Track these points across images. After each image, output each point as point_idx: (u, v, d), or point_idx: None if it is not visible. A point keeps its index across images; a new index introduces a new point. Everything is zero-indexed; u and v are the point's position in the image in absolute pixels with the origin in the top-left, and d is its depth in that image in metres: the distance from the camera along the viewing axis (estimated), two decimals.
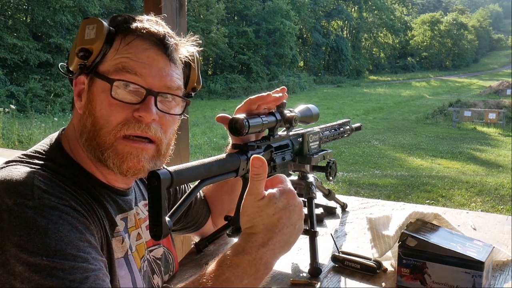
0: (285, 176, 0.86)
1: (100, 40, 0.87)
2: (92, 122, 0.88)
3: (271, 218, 0.79)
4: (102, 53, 0.88)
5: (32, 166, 0.86)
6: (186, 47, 0.97)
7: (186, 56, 0.96)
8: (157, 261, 1.09)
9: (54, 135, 0.97)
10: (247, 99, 1.08)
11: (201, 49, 1.02)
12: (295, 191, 0.84)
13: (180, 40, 0.96)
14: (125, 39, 0.89)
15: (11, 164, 0.87)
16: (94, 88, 0.89)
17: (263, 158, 0.80)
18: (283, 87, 1.09)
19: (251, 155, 1.03)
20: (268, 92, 1.11)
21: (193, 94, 1.04)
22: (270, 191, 0.81)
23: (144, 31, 0.90)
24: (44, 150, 0.92)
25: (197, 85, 1.03)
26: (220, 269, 0.76)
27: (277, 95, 1.07)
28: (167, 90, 0.92)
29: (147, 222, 0.96)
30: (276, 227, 0.79)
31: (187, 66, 0.99)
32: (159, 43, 0.90)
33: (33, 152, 0.91)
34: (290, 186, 0.83)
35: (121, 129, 0.87)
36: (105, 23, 0.88)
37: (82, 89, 0.92)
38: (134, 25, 0.90)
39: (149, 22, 0.92)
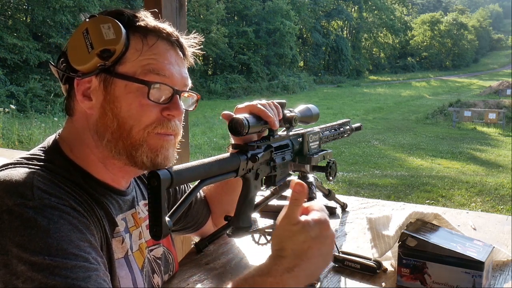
0: (323, 206, 0.86)
1: (122, 41, 0.86)
2: (119, 122, 0.89)
3: (302, 245, 0.78)
4: (122, 54, 0.88)
5: (31, 167, 0.86)
6: (189, 45, 1.00)
7: (191, 55, 1.00)
8: (157, 260, 1.09)
9: (51, 138, 0.97)
10: (249, 104, 1.09)
11: (201, 46, 1.04)
12: (329, 222, 0.83)
13: (185, 38, 0.99)
14: (147, 40, 0.90)
15: (9, 166, 0.87)
16: (115, 88, 0.89)
17: (304, 184, 0.80)
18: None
19: (251, 155, 1.03)
20: (269, 102, 1.11)
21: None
22: (305, 218, 0.81)
23: (163, 31, 0.92)
24: (42, 152, 0.92)
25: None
26: (242, 287, 0.76)
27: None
28: (185, 88, 0.97)
29: (147, 222, 0.96)
30: (305, 255, 0.78)
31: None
32: (176, 43, 0.94)
33: (31, 155, 0.91)
34: (326, 216, 0.83)
35: (155, 128, 0.90)
36: (120, 23, 0.87)
37: (87, 88, 0.90)
38: (149, 24, 0.91)
39: (155, 20, 0.94)
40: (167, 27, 0.94)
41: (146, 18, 0.93)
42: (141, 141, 0.90)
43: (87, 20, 0.88)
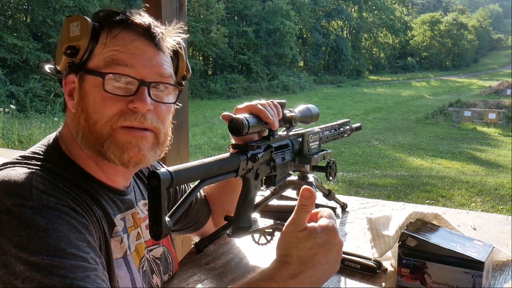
0: (332, 213, 0.84)
1: (86, 36, 0.86)
2: (86, 117, 0.88)
3: (307, 252, 0.77)
4: (89, 49, 0.88)
5: (30, 167, 0.86)
6: (173, 36, 0.96)
7: (173, 45, 0.96)
8: (157, 260, 1.08)
9: (52, 135, 0.97)
10: (249, 104, 1.08)
11: (187, 36, 1.01)
12: (338, 229, 0.81)
13: (165, 28, 0.95)
14: (111, 32, 0.89)
15: (8, 166, 0.87)
16: (85, 85, 0.89)
17: (313, 190, 0.79)
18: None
19: (251, 155, 1.03)
20: (269, 101, 1.11)
21: (183, 82, 1.03)
22: (312, 224, 0.79)
23: (129, 22, 0.90)
24: (41, 151, 0.92)
25: (186, 73, 1.02)
26: None
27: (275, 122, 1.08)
28: (159, 79, 0.92)
29: (147, 222, 0.96)
30: (310, 261, 0.77)
31: (175, 54, 0.98)
32: (145, 33, 0.90)
33: (30, 154, 0.91)
34: (334, 223, 0.81)
35: (117, 120, 0.87)
36: (89, 19, 0.88)
37: (73, 88, 0.91)
38: (117, 17, 0.90)
39: (133, 14, 0.92)
40: (138, 18, 0.91)
41: (125, 14, 0.91)
42: (106, 135, 0.88)
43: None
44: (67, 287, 0.72)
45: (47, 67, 0.94)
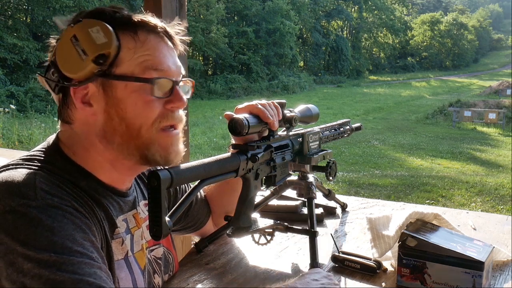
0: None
1: (114, 43, 0.85)
2: (127, 124, 0.88)
3: None
4: (116, 55, 0.86)
5: (32, 168, 0.86)
6: (179, 35, 0.99)
7: (181, 43, 0.99)
8: (158, 260, 1.09)
9: (51, 138, 0.96)
10: (249, 104, 1.09)
11: (190, 38, 1.04)
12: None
13: (172, 27, 0.97)
14: (138, 37, 0.89)
15: (9, 167, 0.87)
16: (116, 91, 0.87)
17: None
18: None
19: (251, 155, 1.03)
20: (269, 102, 1.11)
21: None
22: None
23: (151, 25, 0.91)
24: (42, 153, 0.91)
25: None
26: None
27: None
28: (181, 78, 0.96)
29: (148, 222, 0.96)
30: None
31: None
32: (165, 34, 0.93)
33: (31, 156, 0.91)
34: None
35: (160, 122, 0.90)
36: (107, 24, 0.86)
37: (85, 95, 0.89)
38: (134, 18, 0.90)
39: (138, 13, 0.93)
40: (151, 19, 0.92)
41: (128, 12, 0.91)
42: (152, 139, 0.90)
43: (72, 26, 0.86)
44: (75, 283, 0.72)
45: (43, 77, 0.91)
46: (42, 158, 0.90)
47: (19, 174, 0.82)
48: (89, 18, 0.87)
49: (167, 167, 0.83)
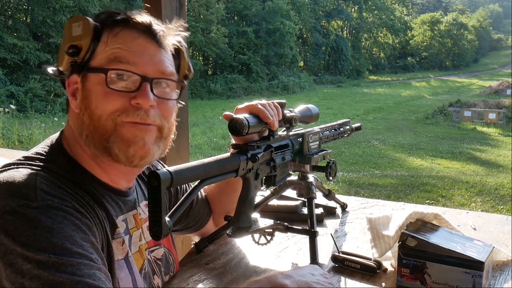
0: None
1: (87, 36, 0.87)
2: (89, 115, 0.88)
3: None
4: (92, 49, 0.88)
5: (34, 168, 0.86)
6: (174, 34, 0.96)
7: (174, 43, 0.96)
8: (158, 261, 1.08)
9: (55, 136, 0.97)
10: (249, 104, 1.09)
11: (188, 33, 1.01)
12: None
13: (166, 26, 0.95)
14: (112, 31, 0.89)
15: (11, 167, 0.87)
16: (88, 83, 0.89)
17: None
18: None
19: (251, 155, 1.03)
20: (269, 102, 1.11)
21: (185, 82, 1.03)
22: None
23: (131, 21, 0.90)
24: (45, 152, 0.92)
25: (188, 73, 1.02)
26: None
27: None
28: (161, 76, 0.92)
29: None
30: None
31: (176, 53, 0.98)
32: (147, 30, 0.91)
33: (33, 154, 0.91)
34: None
35: (120, 116, 0.88)
36: (91, 20, 0.89)
37: (76, 89, 0.91)
38: (118, 17, 0.91)
39: (133, 14, 0.93)
40: (139, 17, 0.92)
41: (126, 14, 0.92)
42: (111, 130, 0.88)
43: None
44: (74, 284, 0.72)
45: (50, 69, 0.94)
46: (44, 157, 0.90)
47: (20, 174, 0.82)
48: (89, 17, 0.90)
49: (167, 168, 0.83)
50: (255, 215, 1.29)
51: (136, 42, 0.90)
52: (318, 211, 1.48)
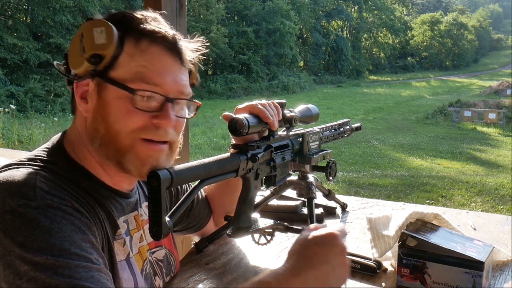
0: (341, 227, 0.88)
1: (112, 45, 0.84)
2: (106, 127, 0.88)
3: (306, 250, 0.82)
4: (114, 58, 0.86)
5: (34, 167, 0.86)
6: (191, 49, 0.96)
7: (192, 58, 0.96)
8: (159, 262, 1.08)
9: (56, 137, 0.97)
10: (249, 104, 1.08)
11: (207, 50, 1.01)
12: (340, 236, 0.84)
13: (188, 41, 0.95)
14: (139, 45, 0.87)
15: (11, 167, 0.87)
16: (106, 93, 0.87)
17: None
18: None
19: (251, 155, 1.03)
20: (269, 102, 1.11)
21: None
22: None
23: (158, 35, 0.88)
24: (45, 153, 0.91)
25: (195, 82, 1.02)
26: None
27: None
28: (180, 96, 0.92)
29: None
30: (310, 259, 0.80)
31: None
32: (173, 48, 0.90)
33: (34, 156, 0.91)
34: (336, 230, 0.85)
35: (140, 133, 0.88)
36: (113, 26, 0.85)
37: (86, 91, 0.90)
38: (143, 26, 0.89)
39: (155, 22, 0.91)
40: (165, 29, 0.90)
41: (150, 20, 0.90)
42: (128, 146, 0.88)
43: (84, 22, 0.87)
44: (71, 287, 0.72)
45: (58, 65, 0.92)
46: (45, 158, 0.90)
47: (20, 173, 0.82)
48: (108, 18, 0.88)
49: (167, 168, 0.83)
50: (255, 215, 1.29)
51: (162, 60, 0.89)
52: (318, 211, 1.48)
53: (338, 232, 0.84)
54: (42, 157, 0.90)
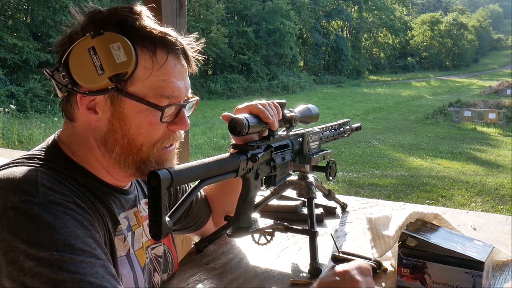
0: (365, 267, 0.84)
1: (132, 62, 0.83)
2: (129, 140, 0.89)
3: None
4: (132, 72, 0.85)
5: (34, 165, 0.86)
6: (191, 48, 0.96)
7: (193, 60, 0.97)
8: (158, 258, 1.09)
9: (50, 138, 0.96)
10: (249, 104, 1.09)
11: (204, 46, 1.01)
12: (355, 276, 0.80)
13: (184, 38, 0.95)
14: (156, 58, 0.86)
15: (11, 165, 0.87)
16: (124, 106, 0.87)
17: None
18: None
19: (251, 155, 1.03)
20: (269, 102, 1.11)
21: None
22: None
23: (172, 42, 0.89)
24: (43, 152, 0.92)
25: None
26: None
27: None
28: (188, 98, 0.96)
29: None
30: None
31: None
32: (182, 54, 0.92)
33: (31, 155, 0.91)
34: (356, 272, 0.81)
35: (163, 143, 0.92)
36: (126, 39, 0.83)
37: (92, 102, 0.88)
38: (155, 35, 0.87)
39: (157, 22, 0.91)
40: (170, 32, 0.90)
41: (148, 21, 0.89)
42: (150, 157, 0.91)
43: (92, 36, 0.83)
44: (77, 283, 0.72)
45: (52, 73, 0.88)
46: (43, 156, 0.90)
47: (21, 170, 0.82)
48: (107, 23, 0.85)
49: (167, 168, 0.83)
50: (255, 215, 1.29)
51: (176, 69, 0.90)
52: (318, 211, 1.48)
53: (360, 279, 0.80)
54: (40, 156, 0.90)
